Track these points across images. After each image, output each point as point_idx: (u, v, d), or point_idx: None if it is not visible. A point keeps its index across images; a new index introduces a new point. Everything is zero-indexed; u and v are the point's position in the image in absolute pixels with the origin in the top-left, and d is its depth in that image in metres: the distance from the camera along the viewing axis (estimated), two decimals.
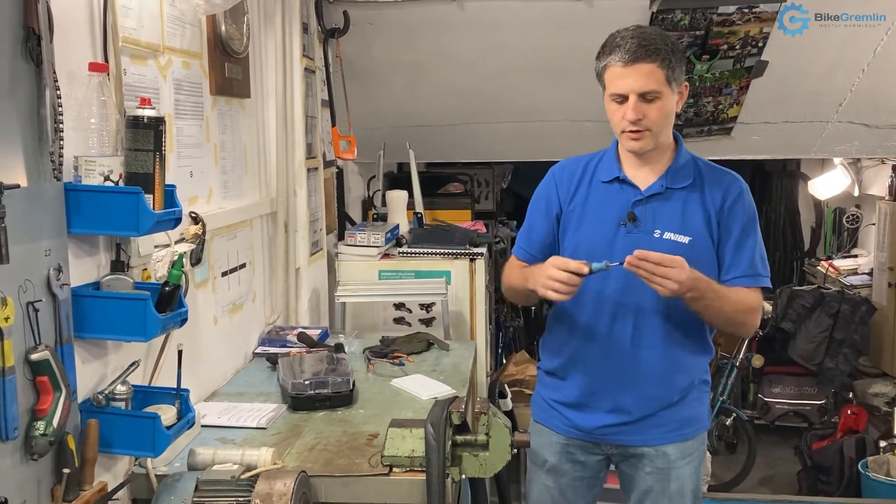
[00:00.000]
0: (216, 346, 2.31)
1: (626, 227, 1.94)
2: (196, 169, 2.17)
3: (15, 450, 1.35)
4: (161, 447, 1.61)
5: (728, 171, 2.03)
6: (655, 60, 1.83)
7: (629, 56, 1.83)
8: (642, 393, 1.97)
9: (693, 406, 2.01)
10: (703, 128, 3.95)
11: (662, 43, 1.84)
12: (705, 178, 1.97)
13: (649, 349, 1.96)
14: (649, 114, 1.86)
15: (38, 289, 1.41)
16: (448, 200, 4.50)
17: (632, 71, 1.84)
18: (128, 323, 1.55)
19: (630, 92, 1.85)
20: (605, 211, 1.97)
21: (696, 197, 1.95)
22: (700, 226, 1.93)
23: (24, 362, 1.36)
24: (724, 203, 1.95)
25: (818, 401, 5.02)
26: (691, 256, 1.85)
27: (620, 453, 2.06)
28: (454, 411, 1.70)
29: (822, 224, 6.27)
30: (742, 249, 1.95)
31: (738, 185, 1.99)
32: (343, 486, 1.71)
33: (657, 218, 1.94)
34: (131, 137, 1.56)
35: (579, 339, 2.01)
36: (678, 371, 1.99)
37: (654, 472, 2.02)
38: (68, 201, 1.49)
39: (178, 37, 2.05)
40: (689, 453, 2.03)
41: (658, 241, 1.92)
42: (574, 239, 2.00)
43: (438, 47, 3.49)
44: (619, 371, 1.98)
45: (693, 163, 1.99)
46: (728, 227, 1.95)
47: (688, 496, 2.03)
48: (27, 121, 1.38)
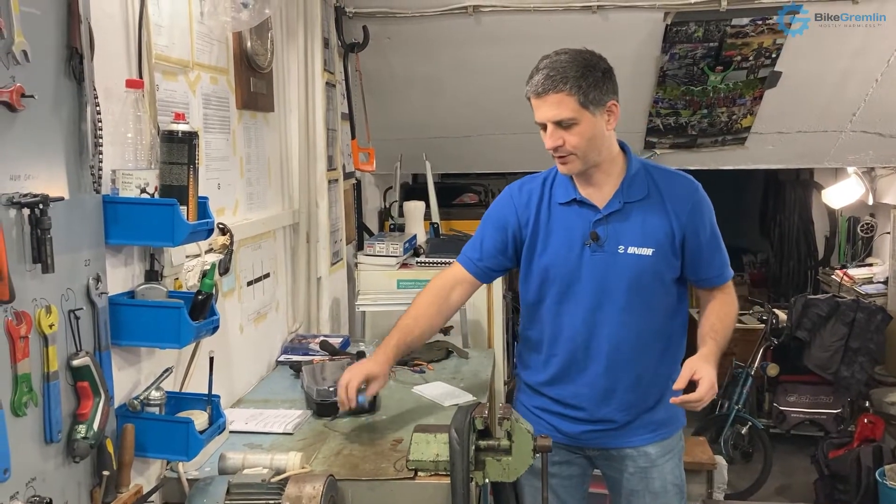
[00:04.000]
0: (242, 354, 2.36)
1: (591, 247, 1.98)
2: (223, 181, 2.23)
3: (58, 452, 1.40)
4: (194, 451, 1.65)
5: (680, 173, 2.06)
6: (563, 90, 1.84)
7: (540, 88, 1.87)
8: (621, 403, 2.02)
9: (669, 408, 2.03)
10: (716, 138, 3.99)
11: (573, 70, 1.85)
12: (661, 186, 2.00)
13: (624, 363, 2.00)
14: (569, 139, 1.89)
15: (79, 297, 1.46)
16: (463, 211, 4.56)
17: (543, 102, 1.88)
18: (163, 330, 1.60)
19: (546, 121, 1.89)
20: (568, 233, 2.00)
21: (655, 207, 1.98)
22: (661, 236, 1.97)
23: (66, 368, 1.42)
24: (685, 210, 1.98)
25: (834, 409, 5.01)
26: (654, 267, 1.95)
27: (602, 455, 2.11)
28: (477, 417, 1.74)
29: (836, 233, 6.26)
30: (713, 251, 2.02)
31: (695, 189, 2.02)
32: (369, 489, 1.75)
33: (619, 234, 1.97)
34: (166, 151, 1.62)
35: (559, 356, 2.05)
36: (653, 378, 2.03)
37: (637, 472, 2.07)
38: (106, 213, 1.55)
39: (207, 53, 2.11)
40: (670, 450, 2.09)
41: (623, 256, 1.96)
42: (541, 262, 2.03)
43: (455, 60, 3.55)
44: (598, 386, 2.02)
45: (645, 171, 2.02)
46: (695, 232, 1.98)
47: (671, 491, 2.08)
48: (69, 136, 1.44)
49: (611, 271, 1.96)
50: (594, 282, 1.97)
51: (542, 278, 2.03)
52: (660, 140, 4.02)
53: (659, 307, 2.01)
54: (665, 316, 2.03)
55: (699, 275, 2.04)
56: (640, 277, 1.96)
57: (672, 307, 2.04)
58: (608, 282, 1.97)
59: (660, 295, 2.01)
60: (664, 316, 2.03)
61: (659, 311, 2.02)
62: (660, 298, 2.01)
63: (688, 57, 3.51)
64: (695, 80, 3.63)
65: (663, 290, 2.01)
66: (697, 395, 1.83)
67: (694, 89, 3.68)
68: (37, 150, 1.34)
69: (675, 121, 3.89)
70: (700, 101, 3.76)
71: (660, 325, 2.02)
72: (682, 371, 1.89)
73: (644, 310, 1.98)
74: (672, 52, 3.48)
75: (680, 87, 3.68)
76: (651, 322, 2.00)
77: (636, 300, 1.97)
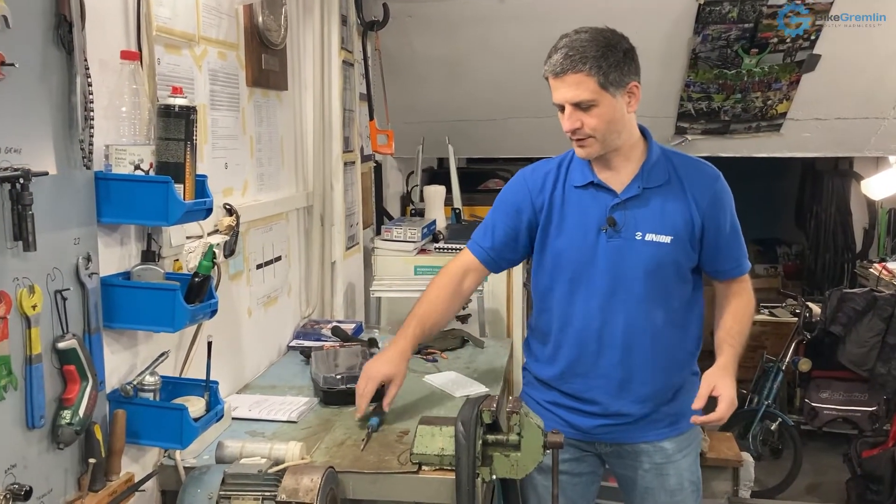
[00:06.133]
0: (250, 339, 2.31)
1: (607, 233, 1.89)
2: (231, 161, 2.16)
3: (41, 438, 1.35)
4: (188, 439, 1.60)
5: (701, 161, 1.98)
6: (582, 70, 1.77)
7: (558, 67, 1.80)
8: (638, 396, 1.94)
9: (686, 400, 1.95)
10: (750, 124, 3.84)
11: (593, 49, 1.77)
12: (682, 174, 1.92)
13: (640, 353, 1.93)
14: (587, 122, 1.81)
15: (67, 277, 1.40)
16: (488, 196, 4.44)
17: (561, 82, 1.80)
18: (157, 313, 1.54)
19: (564, 102, 1.82)
20: (584, 217, 1.92)
21: (675, 194, 1.90)
22: (680, 224, 1.89)
23: (51, 351, 1.36)
24: (706, 199, 1.90)
25: (869, 407, 4.86)
26: (672, 255, 1.88)
27: (615, 451, 2.02)
28: (485, 410, 1.66)
29: (875, 225, 6.07)
30: (732, 243, 1.96)
31: (717, 177, 1.94)
32: (371, 482, 1.69)
33: (637, 221, 1.89)
34: (162, 126, 1.55)
35: (570, 347, 1.96)
36: (670, 369, 1.96)
37: (653, 469, 1.99)
38: (98, 190, 1.48)
39: (215, 27, 2.04)
40: (686, 445, 2.01)
41: (640, 243, 1.88)
42: (555, 247, 1.95)
43: (479, 40, 3.45)
44: (613, 378, 1.94)
45: (665, 158, 1.94)
46: (715, 221, 1.91)
47: (687, 488, 2.00)
48: (58, 108, 1.37)
49: (627, 258, 1.88)
50: (609, 269, 1.89)
51: (554, 264, 1.95)
52: (691, 126, 3.88)
53: (675, 296, 1.93)
54: (681, 305, 1.95)
55: (716, 266, 1.96)
56: (658, 265, 1.88)
57: (688, 296, 1.96)
58: (624, 269, 1.89)
59: (676, 284, 1.93)
60: (680, 305, 1.95)
61: (675, 300, 1.94)
62: (676, 287, 1.93)
63: (721, 38, 3.36)
64: (728, 62, 3.49)
65: (680, 278, 1.93)
66: (717, 416, 1.82)
67: (727, 73, 3.54)
68: (21, 122, 1.28)
69: (707, 106, 3.74)
70: (734, 86, 3.61)
71: (676, 315, 1.94)
72: (701, 388, 1.85)
73: (660, 299, 1.91)
74: (705, 33, 3.34)
75: (713, 70, 3.53)
76: (667, 311, 1.92)
77: (653, 289, 1.89)
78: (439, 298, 2.04)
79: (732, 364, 1.90)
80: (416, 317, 2.01)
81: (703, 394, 1.84)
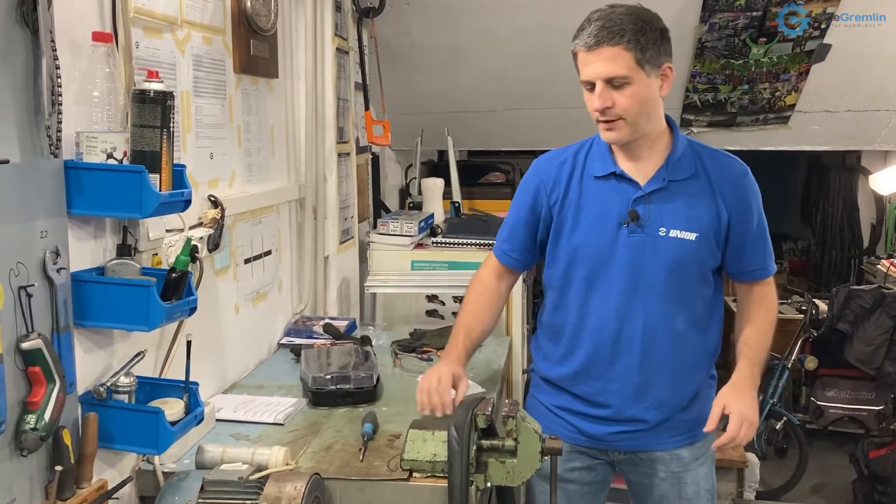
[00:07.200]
0: (237, 336, 2.22)
1: (629, 227, 1.79)
2: (217, 150, 2.07)
3: (3, 445, 1.26)
4: (165, 444, 1.51)
5: (730, 155, 1.89)
6: (620, 43, 1.66)
7: (592, 40, 1.69)
8: (655, 401, 1.85)
9: (703, 405, 1.87)
10: (758, 116, 3.74)
11: (631, 23, 1.68)
12: (709, 167, 1.82)
13: (660, 355, 1.83)
14: (619, 101, 1.70)
15: (33, 272, 1.31)
16: (488, 190, 4.36)
17: (595, 56, 1.69)
18: (130, 311, 1.45)
19: (596, 78, 1.70)
20: (603, 210, 1.82)
21: (701, 188, 1.80)
22: (706, 220, 1.80)
23: (14, 351, 1.28)
24: (734, 195, 1.81)
25: (876, 406, 4.77)
26: (696, 253, 1.79)
27: (629, 459, 1.93)
28: (480, 413, 1.57)
29: (883, 221, 5.97)
30: (758, 242, 1.86)
31: (745, 173, 1.85)
32: (359, 490, 1.60)
33: (662, 215, 1.79)
34: (137, 113, 1.46)
35: (585, 347, 1.87)
36: (689, 373, 1.87)
37: (669, 477, 1.90)
38: (69, 180, 1.40)
39: (199, 10, 1.95)
40: (703, 452, 1.92)
41: (664, 239, 1.78)
42: (570, 243, 1.85)
43: (479, 29, 3.35)
44: (629, 381, 1.85)
45: (692, 150, 1.84)
46: (742, 219, 1.82)
47: (704, 497, 1.92)
48: (22, 92, 1.29)
49: (649, 255, 1.78)
50: (629, 265, 1.79)
51: (571, 259, 1.85)
52: (696, 118, 3.78)
53: (697, 297, 1.84)
54: (703, 307, 1.85)
55: (741, 267, 1.86)
56: (681, 264, 1.78)
57: (710, 298, 1.86)
58: (645, 266, 1.79)
59: (699, 284, 1.83)
60: (702, 307, 1.85)
61: (697, 301, 1.84)
62: (698, 288, 1.84)
63: (728, 27, 3.26)
64: (735, 52, 3.38)
65: (703, 279, 1.84)
66: (726, 438, 1.73)
67: (734, 63, 3.43)
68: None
69: (713, 97, 3.64)
70: (741, 76, 3.51)
71: (697, 317, 1.84)
72: (713, 407, 1.76)
73: (682, 299, 1.81)
74: (711, 21, 3.23)
75: (719, 60, 3.43)
76: (689, 313, 1.83)
77: (675, 288, 1.80)
78: (480, 307, 1.97)
79: (747, 380, 1.81)
80: (462, 326, 1.95)
81: (716, 413, 1.75)
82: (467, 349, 1.92)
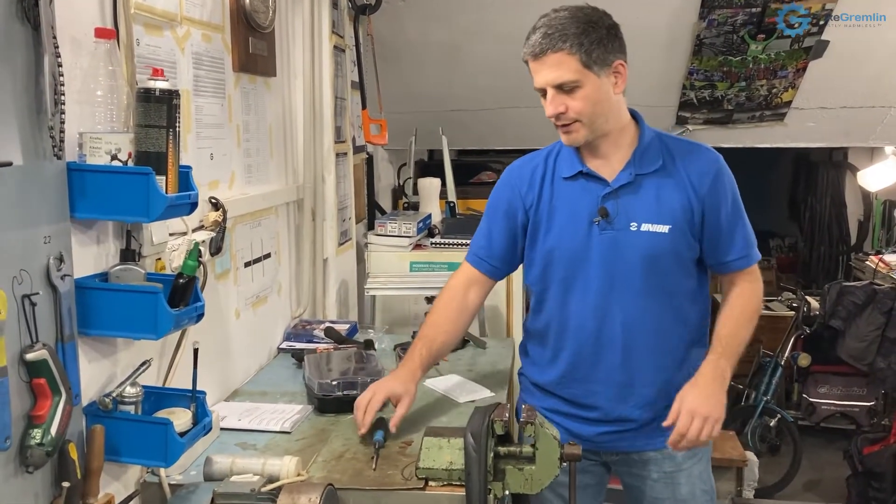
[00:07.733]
0: (238, 342, 2.16)
1: (600, 225, 1.77)
2: (217, 151, 2.01)
3: (8, 461, 1.20)
4: (174, 456, 1.45)
5: (699, 144, 1.86)
6: (562, 48, 1.65)
7: (537, 48, 1.68)
8: (640, 399, 1.82)
9: None
10: (754, 113, 3.73)
11: (573, 26, 1.66)
12: (677, 157, 1.79)
13: (643, 353, 1.80)
14: (572, 105, 1.69)
15: (36, 280, 1.25)
16: (481, 189, 4.31)
17: (541, 64, 1.68)
18: (137, 318, 1.39)
19: (545, 85, 1.70)
20: (574, 210, 1.80)
21: (670, 180, 1.77)
22: (678, 211, 1.76)
23: (18, 363, 1.21)
24: (705, 183, 1.77)
25: (867, 402, 4.79)
26: (671, 245, 1.76)
27: (623, 460, 1.90)
28: (497, 420, 1.53)
29: (870, 217, 6.00)
30: (735, 229, 1.81)
31: (716, 160, 1.81)
32: (374, 500, 1.55)
33: (631, 210, 1.76)
34: (142, 112, 1.40)
35: (568, 349, 1.84)
36: (674, 370, 1.82)
37: (662, 478, 1.87)
38: (72, 182, 1.34)
39: (198, 7, 1.89)
40: (696, 452, 1.87)
41: (636, 234, 1.76)
42: (545, 246, 1.83)
43: (475, 26, 3.32)
44: (614, 381, 1.82)
45: (659, 141, 1.81)
46: (716, 208, 1.78)
47: (700, 498, 1.88)
48: (23, 91, 1.22)
49: (622, 251, 1.75)
50: (604, 263, 1.77)
51: (546, 261, 1.83)
52: (693, 115, 3.76)
53: (678, 291, 1.80)
54: (686, 301, 1.82)
55: (720, 258, 1.82)
56: (656, 257, 1.75)
57: (692, 291, 1.83)
58: (620, 263, 1.76)
59: (678, 277, 1.80)
60: (684, 301, 1.82)
61: (678, 295, 1.80)
62: (679, 281, 1.80)
63: (727, 24, 3.24)
64: (734, 49, 3.37)
65: (682, 271, 1.80)
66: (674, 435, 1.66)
67: (732, 59, 3.42)
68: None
69: (710, 94, 3.63)
70: (738, 73, 3.49)
71: (680, 311, 1.81)
72: (673, 406, 1.69)
73: (662, 294, 1.78)
74: (710, 17, 3.22)
75: (717, 57, 3.42)
76: (670, 307, 1.79)
77: (653, 283, 1.76)
78: (444, 318, 1.92)
79: (708, 374, 1.72)
80: (422, 338, 1.89)
81: (674, 410, 1.67)
82: (423, 362, 1.86)
